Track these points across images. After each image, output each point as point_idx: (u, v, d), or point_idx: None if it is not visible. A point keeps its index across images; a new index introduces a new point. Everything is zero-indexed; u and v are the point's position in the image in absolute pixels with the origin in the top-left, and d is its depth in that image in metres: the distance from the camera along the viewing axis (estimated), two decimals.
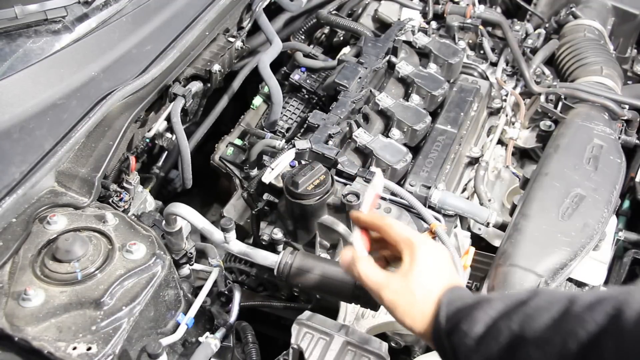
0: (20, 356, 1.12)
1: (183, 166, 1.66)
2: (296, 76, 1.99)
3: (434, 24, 2.18)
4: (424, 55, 1.99)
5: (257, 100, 2.00)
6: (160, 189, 2.03)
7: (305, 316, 1.35)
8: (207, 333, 1.31)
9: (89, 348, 1.09)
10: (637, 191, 1.89)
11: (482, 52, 2.15)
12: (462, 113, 1.84)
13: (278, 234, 1.52)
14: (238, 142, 1.91)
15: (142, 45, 1.61)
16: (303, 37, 2.25)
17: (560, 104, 1.93)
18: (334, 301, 1.51)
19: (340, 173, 1.53)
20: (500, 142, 1.98)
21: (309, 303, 1.60)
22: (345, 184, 1.49)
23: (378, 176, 1.32)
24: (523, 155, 2.06)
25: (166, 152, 1.96)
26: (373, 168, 1.62)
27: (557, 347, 0.83)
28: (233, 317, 1.38)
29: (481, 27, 2.14)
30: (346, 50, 2.07)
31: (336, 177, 1.50)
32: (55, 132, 1.38)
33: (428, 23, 2.18)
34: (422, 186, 1.61)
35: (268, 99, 1.95)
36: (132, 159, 1.54)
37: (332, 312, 1.49)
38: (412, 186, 1.61)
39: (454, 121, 1.82)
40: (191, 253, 1.48)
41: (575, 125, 1.83)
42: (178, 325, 1.26)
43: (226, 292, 1.47)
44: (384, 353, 1.29)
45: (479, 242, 1.74)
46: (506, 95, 2.05)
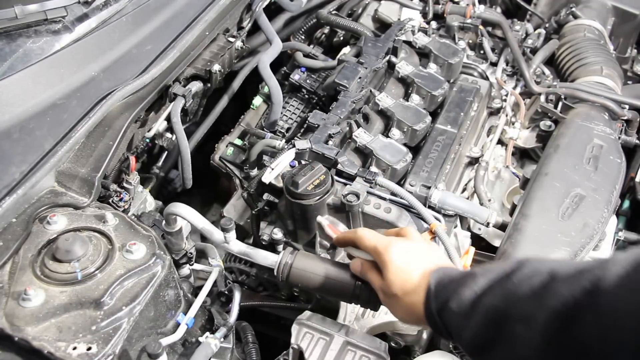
0: (20, 356, 1.11)
1: (183, 166, 1.66)
2: (296, 76, 1.99)
3: (434, 24, 2.17)
4: (424, 55, 1.99)
5: (257, 100, 2.00)
6: (160, 189, 2.03)
7: (305, 316, 1.35)
8: (207, 333, 1.31)
9: (89, 348, 1.09)
10: (637, 191, 1.89)
11: (482, 52, 2.15)
12: (462, 113, 1.84)
13: (278, 234, 1.52)
14: (238, 142, 1.90)
15: (142, 45, 1.61)
16: (303, 37, 2.25)
17: (560, 104, 1.93)
18: (334, 301, 1.51)
19: (340, 173, 1.53)
20: (500, 142, 1.98)
21: (309, 303, 1.60)
22: (345, 184, 1.49)
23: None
24: (523, 155, 2.06)
25: (166, 152, 1.96)
26: (373, 168, 1.62)
27: (540, 322, 0.84)
28: (233, 317, 1.38)
29: (481, 27, 2.14)
30: (346, 50, 2.07)
31: (336, 177, 1.50)
32: (55, 132, 1.37)
33: (428, 23, 2.17)
34: (422, 186, 1.61)
35: (268, 99, 1.95)
36: (132, 159, 1.54)
37: (332, 312, 1.49)
38: (412, 186, 1.61)
39: (454, 121, 1.82)
40: (191, 253, 1.48)
41: (575, 125, 1.83)
42: (178, 325, 1.25)
43: (226, 292, 1.47)
44: (384, 353, 1.30)
45: (479, 242, 1.74)
46: (506, 95, 2.04)
